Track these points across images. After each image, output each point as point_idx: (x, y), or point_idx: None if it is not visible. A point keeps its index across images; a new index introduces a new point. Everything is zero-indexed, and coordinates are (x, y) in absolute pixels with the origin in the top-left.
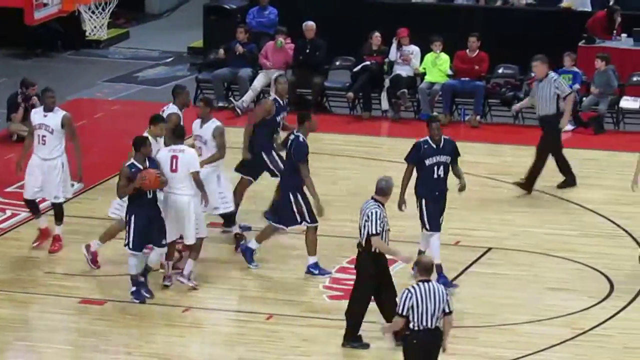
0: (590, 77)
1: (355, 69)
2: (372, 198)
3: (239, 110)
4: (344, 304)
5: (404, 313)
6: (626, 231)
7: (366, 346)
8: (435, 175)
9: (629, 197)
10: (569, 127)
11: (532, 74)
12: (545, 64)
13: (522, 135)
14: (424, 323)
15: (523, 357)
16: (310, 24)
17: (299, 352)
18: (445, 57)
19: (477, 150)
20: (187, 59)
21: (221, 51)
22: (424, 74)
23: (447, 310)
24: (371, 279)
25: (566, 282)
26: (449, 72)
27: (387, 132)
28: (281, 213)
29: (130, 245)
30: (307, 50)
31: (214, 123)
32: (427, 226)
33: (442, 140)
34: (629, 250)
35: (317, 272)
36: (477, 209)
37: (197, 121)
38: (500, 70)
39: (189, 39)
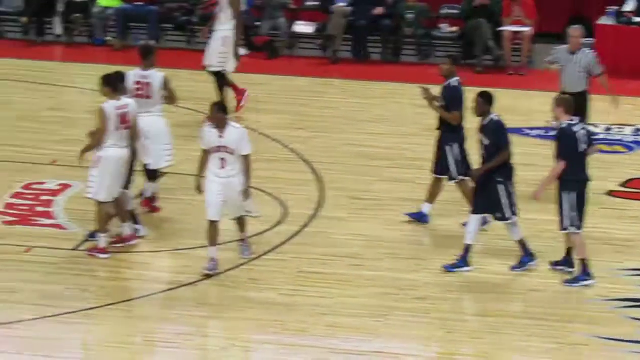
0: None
1: None
2: None
3: None
4: (18, 229)
5: None
6: (299, 155)
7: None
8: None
9: (301, 122)
10: (243, 51)
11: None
12: None
13: (197, 60)
14: None
15: (198, 281)
16: None
17: None
18: None
19: None
20: None
21: None
22: None
23: None
24: None
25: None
26: None
27: (60, 57)
28: None
29: None
30: None
31: None
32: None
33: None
34: (301, 174)
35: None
36: None
37: None
38: None
39: None
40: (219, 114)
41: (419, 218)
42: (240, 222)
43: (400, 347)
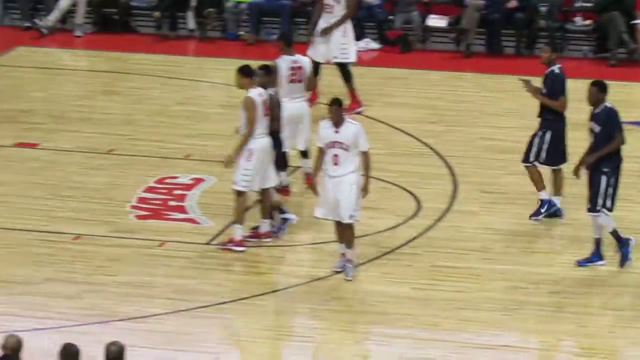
0: None
1: None
2: None
3: (44, 30)
4: (151, 223)
5: None
6: (432, 149)
7: None
8: None
9: (434, 116)
10: (375, 45)
11: None
12: None
13: None
14: None
15: (330, 276)
16: None
17: (106, 271)
18: None
19: None
20: None
21: None
22: None
23: None
24: None
25: (373, 200)
26: None
27: (193, 52)
28: None
29: None
30: None
31: None
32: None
33: None
34: (434, 168)
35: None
36: None
37: None
38: None
39: None
40: (335, 110)
41: (552, 212)
42: (347, 235)
43: (532, 342)
